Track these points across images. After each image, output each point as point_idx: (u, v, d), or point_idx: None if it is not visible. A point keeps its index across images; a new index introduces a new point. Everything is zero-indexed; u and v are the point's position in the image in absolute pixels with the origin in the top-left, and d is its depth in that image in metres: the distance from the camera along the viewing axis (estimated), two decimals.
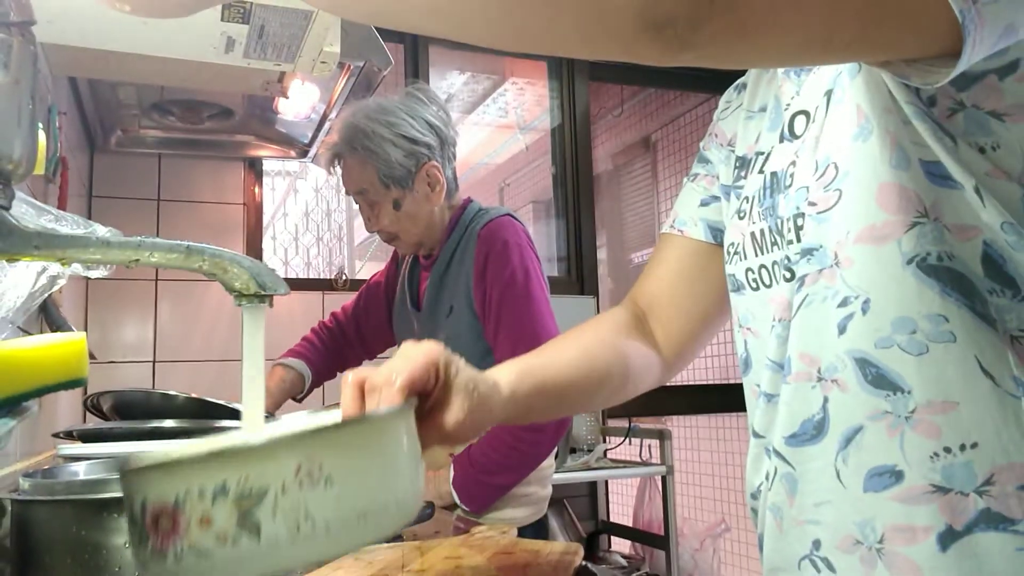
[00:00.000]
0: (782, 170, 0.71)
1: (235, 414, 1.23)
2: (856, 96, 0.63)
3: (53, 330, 1.32)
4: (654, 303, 0.90)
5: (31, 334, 1.31)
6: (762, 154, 0.76)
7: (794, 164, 0.69)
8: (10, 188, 0.58)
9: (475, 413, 0.64)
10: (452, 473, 1.52)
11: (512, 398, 0.70)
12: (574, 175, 3.32)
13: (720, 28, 0.46)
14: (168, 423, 1.16)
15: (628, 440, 2.76)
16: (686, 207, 0.89)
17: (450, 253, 1.61)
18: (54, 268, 0.92)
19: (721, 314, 0.87)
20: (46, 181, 1.53)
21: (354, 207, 1.80)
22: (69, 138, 1.87)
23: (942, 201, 0.59)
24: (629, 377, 0.84)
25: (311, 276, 3.22)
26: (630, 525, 3.02)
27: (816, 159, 0.66)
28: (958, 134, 0.59)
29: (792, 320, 0.67)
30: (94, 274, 0.91)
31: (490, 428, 0.66)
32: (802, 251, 0.66)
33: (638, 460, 2.79)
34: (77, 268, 0.85)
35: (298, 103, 1.89)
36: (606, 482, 3.16)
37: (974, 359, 0.58)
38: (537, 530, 1.62)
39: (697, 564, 2.91)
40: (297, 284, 2.79)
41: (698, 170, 0.90)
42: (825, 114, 0.67)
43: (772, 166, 0.73)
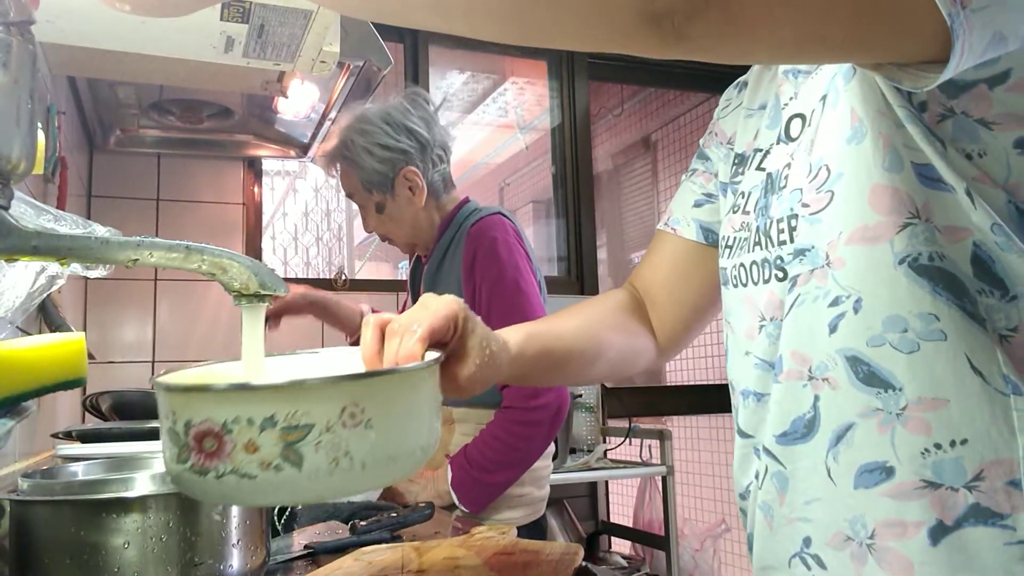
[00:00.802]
0: (777, 171, 0.72)
1: None
2: (851, 99, 0.64)
3: (52, 330, 1.32)
4: (650, 290, 0.92)
5: (30, 334, 1.31)
6: (760, 151, 0.77)
7: (789, 167, 0.70)
8: (9, 188, 0.58)
9: (486, 368, 0.66)
10: (450, 474, 1.53)
11: (520, 357, 0.73)
12: (574, 175, 3.32)
13: (715, 20, 0.48)
14: None
15: (628, 440, 2.76)
16: (680, 206, 0.91)
17: (442, 252, 1.67)
18: (53, 268, 0.92)
19: (713, 306, 0.90)
20: (45, 181, 1.53)
21: (353, 207, 1.88)
22: (68, 138, 1.87)
23: (933, 203, 0.60)
24: (625, 354, 0.87)
25: (310, 276, 3.22)
26: (630, 525, 3.02)
27: (810, 161, 0.67)
28: (947, 140, 0.60)
29: (784, 319, 0.68)
30: (93, 274, 0.91)
31: (495, 383, 0.71)
32: (795, 251, 0.67)
33: (638, 460, 2.79)
34: (76, 268, 0.85)
35: (297, 103, 1.89)
36: (606, 482, 3.16)
37: (964, 357, 0.59)
38: (533, 531, 1.64)
39: (697, 564, 2.92)
40: (297, 284, 2.79)
41: (696, 166, 0.91)
42: (820, 117, 0.67)
43: (769, 165, 0.74)
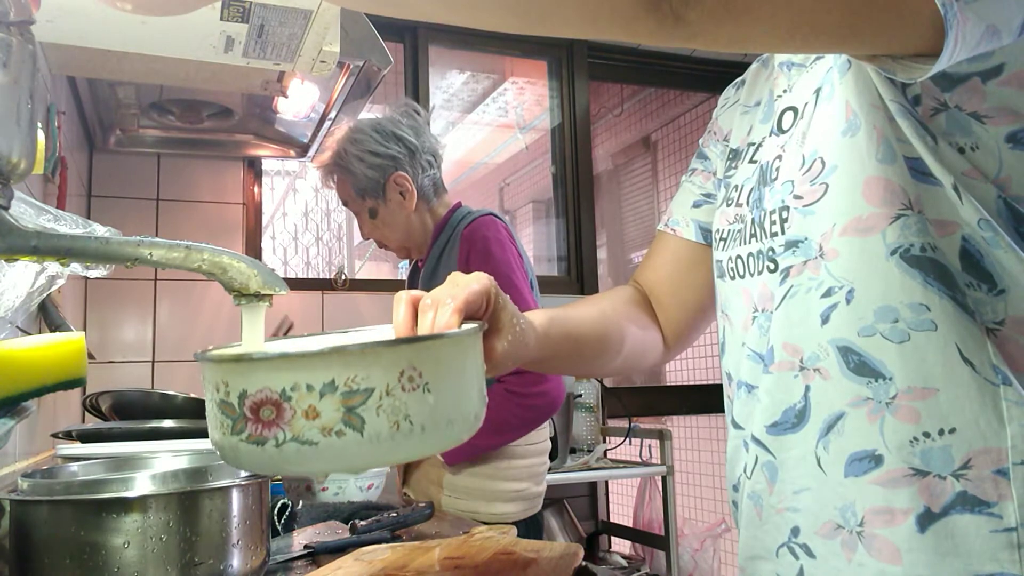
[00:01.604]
0: (768, 163, 0.72)
1: None
2: (845, 92, 0.65)
3: (52, 330, 1.32)
4: (654, 289, 0.93)
5: (30, 334, 1.31)
6: (753, 144, 0.78)
7: (780, 158, 0.71)
8: (9, 188, 0.58)
9: (517, 344, 0.67)
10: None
11: (545, 337, 0.74)
12: (574, 175, 3.32)
13: (711, 4, 0.49)
14: (167, 423, 1.16)
15: (628, 440, 2.76)
16: (680, 207, 0.92)
17: (438, 254, 1.71)
18: (53, 268, 0.92)
19: (716, 305, 0.89)
20: (45, 181, 1.53)
21: None
22: (68, 138, 1.87)
23: (924, 196, 0.61)
24: (638, 347, 0.88)
25: (310, 276, 3.22)
26: (630, 525, 3.02)
27: (803, 153, 0.67)
28: (939, 133, 0.61)
29: (775, 311, 0.68)
30: (93, 274, 0.91)
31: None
32: (786, 243, 0.67)
33: (638, 460, 2.79)
34: (76, 268, 0.85)
35: (297, 102, 1.89)
36: (606, 482, 3.16)
37: (955, 347, 0.60)
38: (530, 526, 1.68)
39: (697, 564, 2.92)
40: (296, 284, 2.79)
41: (696, 165, 0.92)
42: (813, 110, 0.68)
43: (761, 158, 0.75)
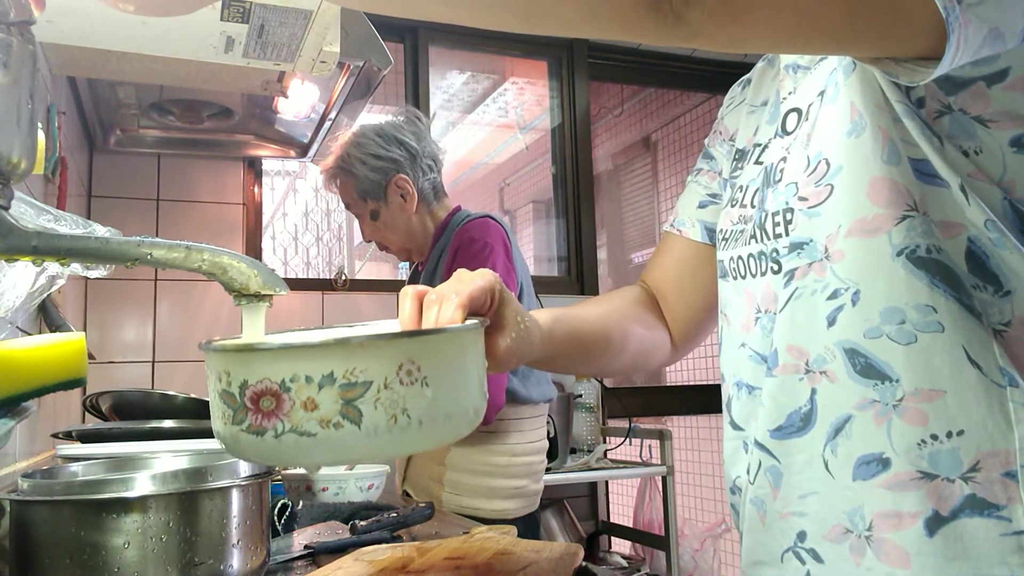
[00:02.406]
0: (772, 164, 0.72)
1: None
2: (850, 93, 0.64)
3: (52, 330, 1.33)
4: (661, 289, 0.92)
5: (30, 334, 1.31)
6: (759, 145, 0.77)
7: (784, 160, 0.70)
8: (9, 188, 0.58)
9: (521, 341, 0.67)
10: None
11: (550, 336, 0.74)
12: (574, 175, 3.32)
13: (712, 5, 0.49)
14: (167, 423, 1.16)
15: (628, 440, 2.76)
16: (686, 207, 0.91)
17: (437, 257, 1.72)
18: (53, 268, 0.92)
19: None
20: (45, 181, 1.53)
21: None
22: (68, 138, 1.87)
23: (929, 198, 0.61)
24: (645, 347, 0.87)
25: (311, 276, 3.22)
26: (630, 525, 3.02)
27: (807, 155, 0.67)
28: (944, 136, 0.60)
29: (779, 313, 0.68)
30: (93, 274, 0.91)
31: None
32: (791, 245, 0.67)
33: (638, 460, 2.79)
34: (76, 268, 0.84)
35: (298, 103, 1.89)
36: (606, 482, 3.16)
37: (961, 349, 0.59)
38: (528, 523, 1.69)
39: (697, 564, 2.91)
40: (297, 284, 2.79)
41: (701, 165, 0.92)
42: (818, 111, 0.68)
43: (766, 159, 0.74)
